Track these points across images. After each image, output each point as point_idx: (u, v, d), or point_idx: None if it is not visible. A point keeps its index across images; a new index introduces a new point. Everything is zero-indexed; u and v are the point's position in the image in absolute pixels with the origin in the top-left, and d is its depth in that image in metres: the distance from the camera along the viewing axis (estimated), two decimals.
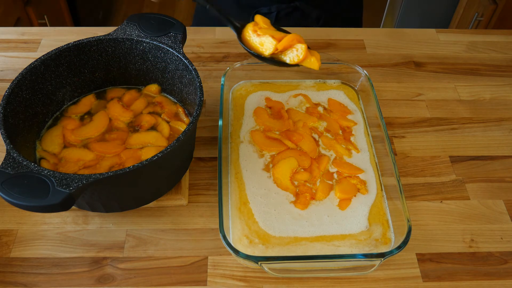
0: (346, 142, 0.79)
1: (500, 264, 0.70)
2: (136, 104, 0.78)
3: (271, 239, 0.67)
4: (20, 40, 1.02)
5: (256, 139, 0.78)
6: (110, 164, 0.69)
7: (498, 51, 1.05)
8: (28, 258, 0.69)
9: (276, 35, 0.76)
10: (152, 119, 0.75)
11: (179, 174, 0.73)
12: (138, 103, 0.78)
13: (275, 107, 0.84)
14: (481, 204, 0.77)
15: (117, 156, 0.70)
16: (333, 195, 0.72)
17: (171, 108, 0.77)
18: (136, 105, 0.78)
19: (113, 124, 0.75)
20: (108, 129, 0.74)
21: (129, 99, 0.79)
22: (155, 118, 0.75)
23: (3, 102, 0.64)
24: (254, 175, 0.74)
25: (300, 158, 0.75)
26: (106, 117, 0.75)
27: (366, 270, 0.66)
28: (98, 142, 0.72)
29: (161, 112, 0.76)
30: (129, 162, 0.69)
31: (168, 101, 0.79)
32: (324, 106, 0.85)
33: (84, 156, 0.70)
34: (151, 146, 0.72)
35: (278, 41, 0.75)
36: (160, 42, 0.74)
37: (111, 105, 0.77)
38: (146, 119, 0.75)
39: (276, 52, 0.76)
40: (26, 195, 0.54)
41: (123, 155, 0.70)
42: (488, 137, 0.88)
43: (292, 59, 0.75)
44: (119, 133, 0.74)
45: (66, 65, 0.74)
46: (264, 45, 0.76)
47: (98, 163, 0.69)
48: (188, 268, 0.68)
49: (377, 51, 1.04)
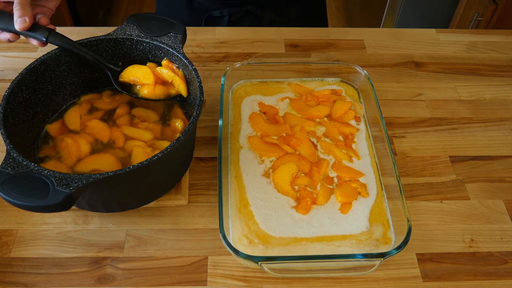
0: (347, 148, 0.78)
1: (500, 264, 0.71)
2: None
3: (271, 240, 0.67)
4: (20, 40, 1.01)
5: (254, 145, 0.78)
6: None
7: (498, 51, 1.05)
8: (28, 258, 0.69)
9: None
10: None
11: (179, 174, 0.73)
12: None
13: (269, 112, 0.83)
14: (481, 204, 0.77)
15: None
16: (334, 199, 0.72)
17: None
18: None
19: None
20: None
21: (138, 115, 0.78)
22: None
23: (3, 102, 0.64)
24: (254, 180, 0.74)
25: (299, 163, 0.75)
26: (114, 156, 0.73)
27: (366, 270, 0.66)
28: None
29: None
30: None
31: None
32: (335, 90, 0.85)
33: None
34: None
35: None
36: (160, 42, 0.74)
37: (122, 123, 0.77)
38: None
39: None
40: (26, 195, 0.54)
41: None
42: (488, 137, 0.88)
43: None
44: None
45: (66, 65, 0.74)
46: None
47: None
48: (188, 268, 0.68)
49: (377, 51, 1.04)
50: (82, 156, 0.70)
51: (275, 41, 1.04)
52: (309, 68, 0.89)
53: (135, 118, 0.77)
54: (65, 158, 0.70)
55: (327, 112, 0.83)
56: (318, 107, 0.84)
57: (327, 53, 0.88)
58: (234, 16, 1.11)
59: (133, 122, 0.76)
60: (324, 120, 0.82)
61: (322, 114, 0.83)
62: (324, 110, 0.83)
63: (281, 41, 1.04)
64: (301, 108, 0.84)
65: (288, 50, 1.03)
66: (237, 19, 1.11)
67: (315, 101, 0.85)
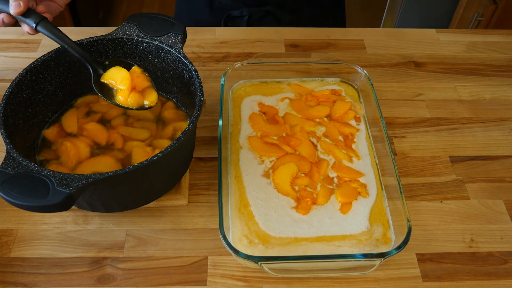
0: (347, 149, 0.78)
1: (500, 264, 0.71)
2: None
3: (271, 240, 0.67)
4: (20, 40, 1.02)
5: (254, 145, 0.78)
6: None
7: (498, 51, 1.05)
8: (28, 258, 0.69)
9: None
10: None
11: (179, 174, 0.73)
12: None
13: (269, 113, 0.83)
14: (481, 204, 0.77)
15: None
16: (334, 199, 0.72)
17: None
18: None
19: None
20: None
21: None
22: None
23: (3, 102, 0.64)
24: (254, 180, 0.73)
25: (299, 163, 0.75)
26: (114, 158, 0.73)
27: (366, 270, 0.66)
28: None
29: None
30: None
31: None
32: (334, 90, 0.85)
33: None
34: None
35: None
36: (160, 42, 0.74)
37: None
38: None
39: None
40: (26, 195, 0.54)
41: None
42: (488, 137, 0.88)
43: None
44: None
45: (66, 65, 0.74)
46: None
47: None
48: (188, 268, 0.68)
49: (377, 51, 1.04)
50: (82, 159, 0.70)
51: (275, 41, 1.04)
52: (309, 68, 0.89)
53: (130, 117, 0.77)
54: (65, 162, 0.70)
55: (327, 112, 0.83)
56: (318, 107, 0.84)
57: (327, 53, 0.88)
58: (254, 16, 1.11)
59: (128, 121, 0.76)
60: (324, 120, 0.82)
61: (322, 114, 0.83)
62: (324, 110, 0.83)
63: (281, 41, 1.04)
64: (301, 108, 0.84)
65: (288, 50, 1.03)
66: (256, 19, 1.12)
67: (315, 101, 0.85)
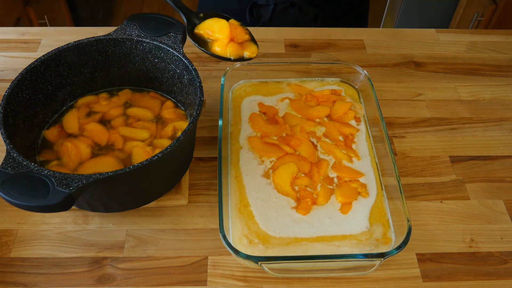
0: (347, 149, 0.78)
1: (500, 264, 0.71)
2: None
3: (271, 240, 0.67)
4: (20, 40, 1.02)
5: (254, 145, 0.78)
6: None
7: (498, 51, 1.05)
8: (28, 258, 0.69)
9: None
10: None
11: (179, 174, 0.73)
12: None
13: (269, 113, 0.83)
14: (481, 204, 0.77)
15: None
16: (334, 199, 0.72)
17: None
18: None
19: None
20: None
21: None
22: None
23: (3, 102, 0.64)
24: (254, 180, 0.73)
25: (299, 163, 0.75)
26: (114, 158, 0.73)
27: (366, 270, 0.66)
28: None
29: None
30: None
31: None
32: (334, 90, 0.85)
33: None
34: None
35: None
36: (160, 42, 0.74)
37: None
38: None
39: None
40: (26, 195, 0.54)
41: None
42: (488, 137, 0.88)
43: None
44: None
45: (66, 65, 0.74)
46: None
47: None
48: (188, 268, 0.68)
49: (377, 51, 1.04)
50: (83, 159, 0.70)
51: (275, 41, 1.04)
52: (309, 68, 0.89)
53: (130, 117, 0.77)
54: (66, 163, 0.70)
55: (327, 113, 0.83)
56: (318, 107, 0.84)
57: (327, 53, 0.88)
58: (279, 6, 1.11)
59: (128, 122, 0.76)
60: (324, 121, 0.82)
61: (322, 114, 0.83)
62: (324, 110, 0.83)
63: (281, 41, 1.04)
64: (301, 108, 0.84)
65: (288, 50, 1.03)
66: (281, 9, 1.12)
67: (315, 102, 0.85)
